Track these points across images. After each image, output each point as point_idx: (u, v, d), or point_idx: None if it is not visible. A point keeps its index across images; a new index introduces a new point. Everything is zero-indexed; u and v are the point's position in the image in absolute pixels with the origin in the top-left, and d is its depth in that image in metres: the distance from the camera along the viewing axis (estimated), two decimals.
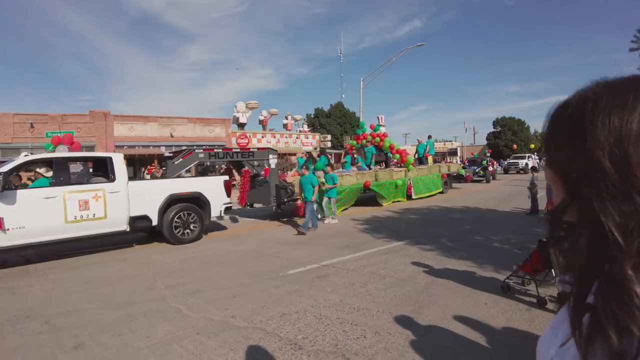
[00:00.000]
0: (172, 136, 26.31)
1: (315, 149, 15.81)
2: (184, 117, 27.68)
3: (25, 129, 22.09)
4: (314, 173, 10.77)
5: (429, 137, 20.31)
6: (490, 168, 27.98)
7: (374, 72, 29.17)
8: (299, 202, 11.32)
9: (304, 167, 10.02)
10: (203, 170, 20.90)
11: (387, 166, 16.98)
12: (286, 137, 33.52)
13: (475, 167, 27.83)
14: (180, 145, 23.97)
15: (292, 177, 11.95)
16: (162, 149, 24.70)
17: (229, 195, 9.69)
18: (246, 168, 12.03)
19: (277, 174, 11.85)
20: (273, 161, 11.65)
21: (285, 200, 11.96)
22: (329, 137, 39.26)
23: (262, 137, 31.62)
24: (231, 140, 28.76)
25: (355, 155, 17.55)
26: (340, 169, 15.51)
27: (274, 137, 32.69)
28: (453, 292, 5.03)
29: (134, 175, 22.51)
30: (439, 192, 18.26)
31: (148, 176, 21.11)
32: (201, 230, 9.12)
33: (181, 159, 9.88)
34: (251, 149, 11.65)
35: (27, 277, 6.50)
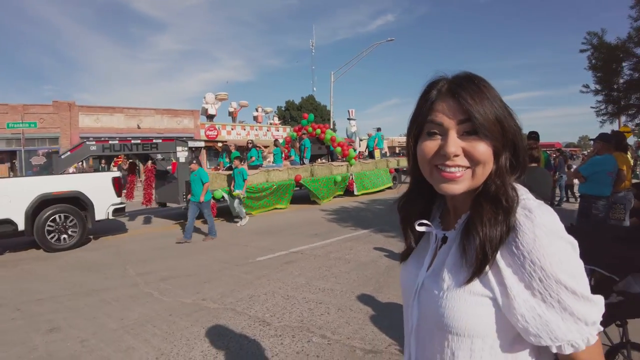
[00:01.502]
0: (139, 127, 25.85)
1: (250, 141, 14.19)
2: (152, 108, 27.20)
3: None
4: (231, 167, 9.80)
5: (378, 129, 19.02)
6: None
7: (344, 66, 29.54)
8: (212, 200, 9.68)
9: (194, 161, 8.66)
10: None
11: (333, 160, 15.68)
12: (256, 130, 33.48)
13: None
14: (148, 137, 23.62)
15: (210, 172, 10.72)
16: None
17: (119, 194, 8.54)
18: (151, 162, 10.61)
19: (187, 169, 10.07)
20: (182, 154, 10.24)
21: None
22: None
23: (232, 129, 31.47)
24: (200, 132, 28.52)
25: (288, 148, 15.62)
26: (271, 164, 13.73)
27: (244, 129, 32.60)
28: None
29: (99, 168, 22.11)
30: (388, 188, 17.18)
31: (115, 168, 20.80)
32: (83, 235, 7.96)
33: (69, 153, 8.80)
34: (154, 140, 10.21)
35: None
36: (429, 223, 0.90)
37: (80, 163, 19.74)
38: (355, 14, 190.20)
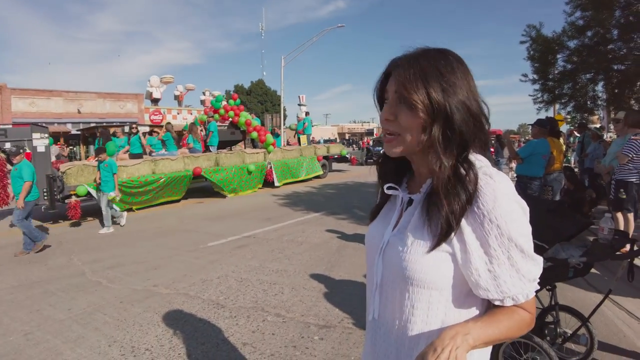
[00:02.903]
0: (79, 112, 24.44)
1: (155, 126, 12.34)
2: (93, 91, 25.75)
3: None
4: (101, 160, 7.92)
5: (307, 113, 17.93)
6: None
7: (295, 50, 29.25)
8: (72, 199, 8.25)
9: (21, 151, 6.49)
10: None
11: (255, 147, 14.17)
12: (203, 114, 32.62)
13: (380, 149, 22.68)
14: (89, 122, 22.41)
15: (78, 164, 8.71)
16: (69, 127, 22.92)
17: None
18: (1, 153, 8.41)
19: (49, 160, 8.54)
20: (40, 142, 8.40)
21: (58, 196, 8.48)
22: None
23: (178, 113, 30.49)
24: (144, 116, 27.42)
25: (185, 134, 13.09)
26: (163, 152, 11.55)
27: (191, 113, 31.64)
28: (362, 253, 5.60)
29: None
30: (316, 176, 15.71)
31: (53, 157, 19.59)
32: None
33: None
34: (1, 126, 8.56)
35: None
36: (396, 187, 1.00)
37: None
38: None
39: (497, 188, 0.83)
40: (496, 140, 16.05)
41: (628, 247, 2.59)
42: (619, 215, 5.23)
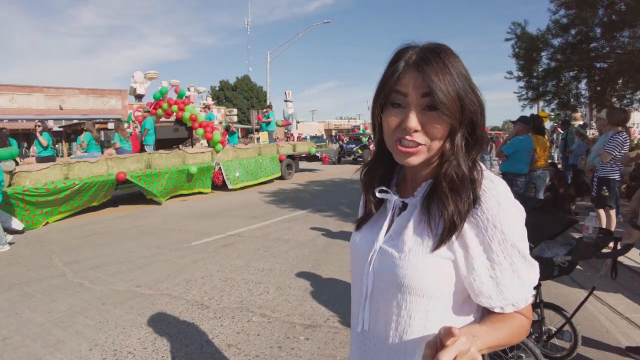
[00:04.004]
0: (61, 109, 23.98)
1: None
2: (75, 87, 25.26)
3: None
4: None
5: (269, 107, 16.46)
6: (373, 147, 25.47)
7: (281, 46, 29.13)
8: None
9: None
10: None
11: (209, 147, 12.49)
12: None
13: (353, 146, 23.18)
14: (71, 119, 21.97)
15: None
16: (51, 123, 22.45)
17: None
18: None
19: None
20: None
21: None
22: (235, 111, 38.54)
23: None
24: (128, 112, 27.01)
25: (111, 131, 11.44)
26: (83, 154, 9.90)
27: None
28: (348, 250, 5.58)
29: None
30: (278, 178, 14.23)
31: (30, 152, 19.17)
32: None
33: None
34: None
35: None
36: (388, 190, 0.93)
37: None
38: None
39: (500, 193, 0.81)
40: None
41: (612, 244, 2.61)
42: (601, 211, 5.31)
